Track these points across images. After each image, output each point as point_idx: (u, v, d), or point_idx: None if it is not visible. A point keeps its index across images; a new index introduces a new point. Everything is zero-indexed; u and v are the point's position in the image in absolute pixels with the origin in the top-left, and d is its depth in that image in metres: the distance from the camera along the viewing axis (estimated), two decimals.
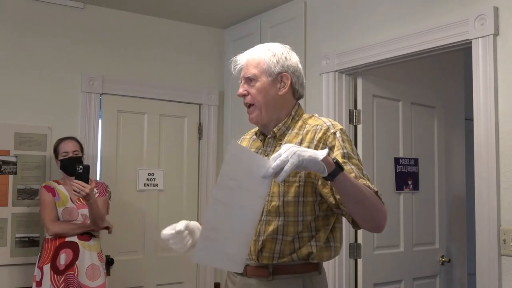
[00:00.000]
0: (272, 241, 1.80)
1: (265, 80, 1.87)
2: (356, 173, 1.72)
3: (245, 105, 1.92)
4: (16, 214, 3.49)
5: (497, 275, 2.51)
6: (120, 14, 3.95)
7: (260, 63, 1.87)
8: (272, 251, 1.81)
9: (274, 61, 1.87)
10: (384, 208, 1.72)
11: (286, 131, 1.90)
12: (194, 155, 4.21)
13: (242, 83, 1.91)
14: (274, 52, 1.89)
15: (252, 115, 1.90)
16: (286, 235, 1.80)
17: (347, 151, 1.77)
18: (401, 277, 3.48)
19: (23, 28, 3.61)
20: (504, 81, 2.55)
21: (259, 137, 1.96)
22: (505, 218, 2.51)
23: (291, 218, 1.79)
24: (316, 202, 1.80)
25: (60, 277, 3.10)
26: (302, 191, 1.79)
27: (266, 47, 1.92)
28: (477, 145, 2.62)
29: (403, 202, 3.52)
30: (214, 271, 4.17)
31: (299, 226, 1.80)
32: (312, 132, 1.84)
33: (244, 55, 1.94)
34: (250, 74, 1.87)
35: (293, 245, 1.80)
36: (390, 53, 3.04)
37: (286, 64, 1.89)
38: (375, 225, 1.76)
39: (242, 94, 1.90)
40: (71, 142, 3.31)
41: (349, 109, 3.38)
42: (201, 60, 4.25)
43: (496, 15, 2.57)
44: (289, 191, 1.79)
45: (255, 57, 1.89)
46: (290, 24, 3.71)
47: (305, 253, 1.81)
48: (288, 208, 1.79)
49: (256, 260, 1.83)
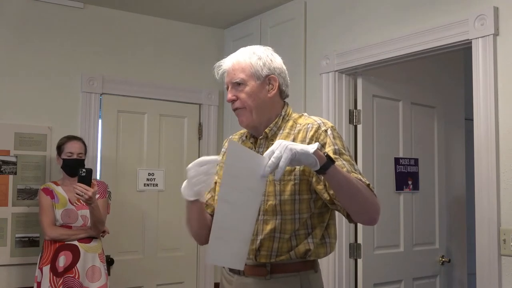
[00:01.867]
0: (270, 240, 1.82)
1: (253, 84, 1.87)
2: (348, 168, 1.75)
3: (233, 109, 1.92)
4: (16, 214, 3.49)
5: (497, 275, 2.51)
6: (120, 14, 3.95)
7: (246, 67, 1.87)
8: (270, 249, 1.82)
9: (260, 64, 1.87)
10: (376, 201, 1.75)
11: (278, 131, 1.91)
12: (194, 155, 4.20)
13: (230, 88, 1.90)
14: (259, 55, 1.89)
15: (242, 118, 1.90)
16: (284, 233, 1.81)
17: (338, 148, 1.80)
18: (401, 277, 3.48)
19: (23, 28, 3.61)
20: (504, 81, 2.55)
21: (249, 139, 1.96)
22: (505, 218, 2.51)
23: (288, 216, 1.81)
24: (311, 200, 1.82)
25: (59, 279, 3.09)
26: (298, 189, 1.81)
27: (250, 51, 1.91)
28: (477, 145, 2.62)
29: (403, 202, 3.52)
30: (214, 271, 4.17)
31: (296, 223, 1.82)
32: (304, 131, 1.85)
33: (229, 59, 1.92)
34: (238, 79, 1.87)
35: (290, 242, 1.82)
36: (390, 53, 3.04)
37: (272, 66, 1.89)
38: (368, 218, 1.78)
39: (231, 100, 1.90)
40: (77, 143, 3.30)
41: (349, 109, 3.38)
42: (201, 60, 4.25)
43: (496, 15, 2.57)
44: (285, 190, 1.81)
45: (240, 61, 1.89)
46: (290, 24, 3.71)
47: (302, 250, 1.82)
48: (285, 207, 1.81)
49: (254, 259, 1.84)
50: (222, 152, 2.05)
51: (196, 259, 4.14)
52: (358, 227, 3.31)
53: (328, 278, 3.23)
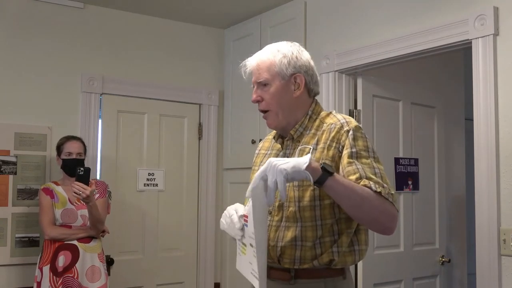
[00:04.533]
0: (291, 248, 1.76)
1: (278, 84, 1.81)
2: (361, 173, 1.67)
3: (260, 111, 1.87)
4: (16, 214, 3.49)
5: (497, 275, 2.51)
6: (120, 14, 3.95)
7: (271, 66, 1.81)
8: (292, 257, 1.76)
9: (285, 63, 1.81)
10: (390, 208, 1.65)
11: (304, 132, 1.85)
12: (194, 155, 4.21)
13: (255, 88, 1.85)
14: (284, 53, 1.83)
15: (269, 121, 1.86)
16: (306, 241, 1.75)
17: (357, 150, 1.72)
18: (401, 277, 3.48)
19: (23, 28, 3.61)
20: (504, 81, 2.55)
21: (277, 140, 1.92)
22: (505, 218, 2.51)
23: (309, 223, 1.75)
24: (335, 204, 1.73)
25: (58, 278, 3.09)
26: (318, 194, 1.73)
27: (275, 48, 1.85)
28: (477, 145, 2.62)
29: (403, 202, 3.51)
30: (214, 271, 4.17)
31: (318, 230, 1.74)
32: (327, 131, 1.79)
33: (254, 58, 1.88)
34: (262, 78, 1.82)
35: (314, 250, 1.75)
36: (390, 53, 3.04)
37: (298, 64, 1.83)
38: (381, 227, 1.71)
39: (256, 100, 1.85)
40: (76, 143, 3.30)
41: (349, 109, 3.38)
42: (201, 60, 4.25)
43: (496, 15, 2.57)
44: (304, 196, 1.75)
45: (264, 60, 1.83)
46: (290, 24, 3.71)
47: (326, 260, 1.76)
48: (304, 213, 1.75)
49: (278, 263, 1.80)
50: (256, 155, 2.04)
51: (196, 259, 4.14)
52: None
53: None
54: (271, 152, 1.95)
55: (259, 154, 2.01)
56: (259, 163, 1.97)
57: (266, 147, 2.00)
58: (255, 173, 1.64)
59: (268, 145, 2.00)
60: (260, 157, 2.00)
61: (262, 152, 2.01)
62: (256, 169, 1.93)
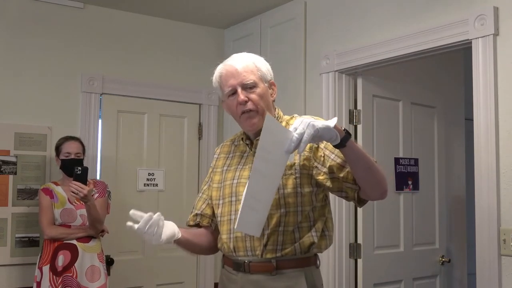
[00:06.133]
0: (275, 234, 1.85)
1: (263, 87, 1.92)
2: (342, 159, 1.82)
3: (245, 111, 1.90)
4: (16, 214, 3.49)
5: (497, 275, 2.51)
6: (120, 14, 3.95)
7: (255, 70, 1.92)
8: (275, 243, 1.85)
9: (266, 69, 1.96)
10: (384, 175, 1.82)
11: None
12: (194, 155, 4.21)
13: (240, 90, 1.89)
14: (262, 61, 1.97)
15: (254, 120, 1.90)
16: (287, 226, 1.85)
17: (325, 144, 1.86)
18: (401, 277, 3.48)
19: (23, 28, 3.61)
20: (504, 81, 2.55)
21: (246, 141, 1.99)
22: (505, 218, 2.51)
23: (292, 208, 1.85)
24: (313, 193, 1.88)
25: (58, 278, 3.09)
26: (299, 183, 1.86)
27: (252, 56, 1.97)
28: (477, 145, 2.62)
29: (403, 202, 3.52)
30: (214, 271, 4.17)
31: (298, 216, 1.86)
32: None
33: (233, 63, 1.93)
34: (250, 80, 1.89)
35: (293, 234, 1.86)
36: (390, 53, 3.04)
37: (271, 72, 1.98)
38: (381, 191, 1.84)
39: (244, 101, 1.89)
40: (74, 143, 3.30)
41: (349, 109, 3.38)
42: (201, 60, 4.24)
43: (496, 15, 2.57)
44: (287, 183, 1.86)
45: (249, 64, 1.92)
46: (290, 24, 3.71)
47: (307, 243, 1.87)
48: (288, 199, 1.85)
49: (260, 256, 1.86)
50: (215, 159, 2.10)
51: (196, 259, 4.14)
52: (358, 227, 3.31)
53: (328, 278, 3.23)
54: (234, 154, 2.03)
55: (220, 158, 2.08)
56: (221, 165, 2.04)
57: (226, 151, 2.07)
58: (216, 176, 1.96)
59: (228, 149, 2.07)
60: (221, 160, 2.07)
61: (222, 156, 2.08)
62: (219, 171, 2.03)
